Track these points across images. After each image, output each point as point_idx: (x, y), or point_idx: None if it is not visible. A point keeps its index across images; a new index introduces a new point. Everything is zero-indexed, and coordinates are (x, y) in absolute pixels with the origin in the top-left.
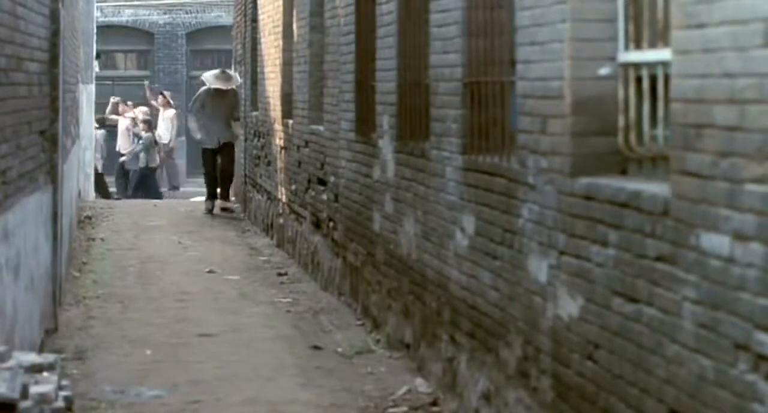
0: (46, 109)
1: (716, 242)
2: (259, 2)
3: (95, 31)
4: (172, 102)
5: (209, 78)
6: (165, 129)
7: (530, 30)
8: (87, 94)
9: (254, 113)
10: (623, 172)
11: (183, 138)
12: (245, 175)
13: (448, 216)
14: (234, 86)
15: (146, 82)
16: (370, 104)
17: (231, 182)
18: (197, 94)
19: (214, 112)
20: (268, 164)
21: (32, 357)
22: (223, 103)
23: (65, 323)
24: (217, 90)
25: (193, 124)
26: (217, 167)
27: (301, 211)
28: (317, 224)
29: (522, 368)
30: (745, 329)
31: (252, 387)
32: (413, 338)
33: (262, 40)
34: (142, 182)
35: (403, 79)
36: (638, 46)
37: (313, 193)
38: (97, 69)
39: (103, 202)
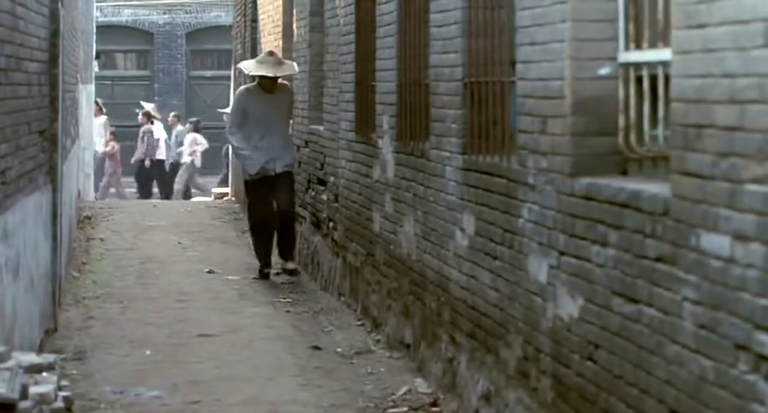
0: (46, 109)
1: (716, 242)
2: (259, 2)
3: (95, 31)
4: (104, 109)
5: (250, 65)
6: (97, 137)
7: (530, 30)
8: (87, 95)
9: None
10: (623, 172)
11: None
12: None
13: (448, 216)
14: (288, 75)
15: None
16: (370, 103)
17: (293, 231)
18: (235, 99)
19: (266, 121)
20: None
21: (32, 358)
22: (276, 105)
23: (65, 323)
24: (263, 83)
25: (236, 143)
26: (270, 210)
27: (300, 211)
28: (317, 224)
29: (522, 368)
30: (746, 329)
31: (252, 388)
32: (413, 338)
33: (262, 40)
34: None
35: (403, 79)
36: (638, 46)
37: (313, 193)
38: (96, 69)
39: (102, 202)
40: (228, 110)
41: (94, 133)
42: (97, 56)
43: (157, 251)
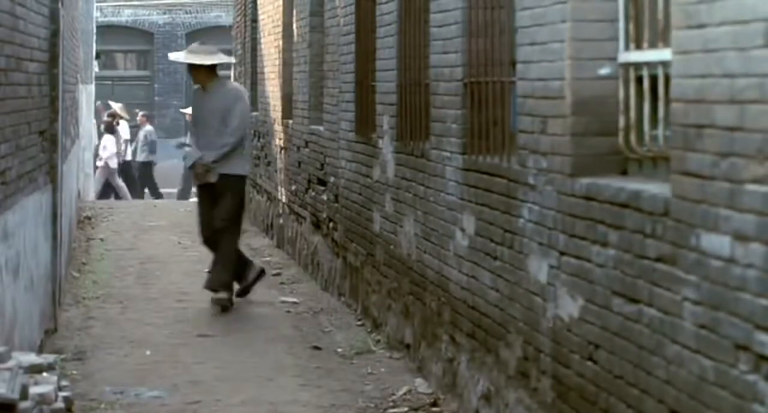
0: (46, 109)
1: (716, 242)
2: (259, 2)
3: (95, 31)
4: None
5: (180, 55)
6: None
7: (530, 30)
8: (87, 95)
9: (254, 113)
10: (623, 172)
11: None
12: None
13: (448, 216)
14: (216, 61)
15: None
16: (370, 103)
17: (224, 254)
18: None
19: (200, 122)
20: (268, 164)
21: (32, 358)
22: (212, 106)
23: (65, 323)
24: (194, 78)
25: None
26: (209, 226)
27: (301, 211)
28: (317, 225)
29: (522, 368)
30: (746, 329)
31: (252, 388)
32: (413, 338)
33: (262, 40)
34: None
35: (403, 79)
36: (638, 46)
37: (313, 193)
38: (96, 69)
39: (102, 202)
40: (189, 109)
41: None
42: (97, 56)
43: (157, 251)
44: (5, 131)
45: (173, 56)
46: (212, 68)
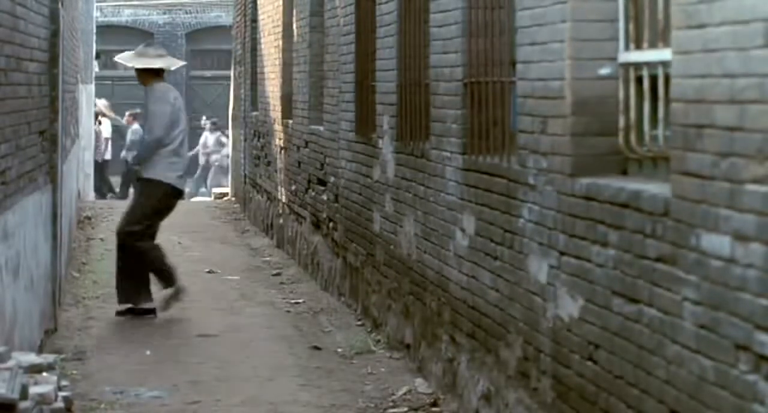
0: (46, 109)
1: (717, 242)
2: (259, 2)
3: (95, 31)
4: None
5: (127, 55)
6: None
7: (530, 30)
8: (87, 95)
9: (254, 113)
10: (624, 172)
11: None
12: (245, 175)
13: (448, 216)
14: (142, 65)
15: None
16: (370, 104)
17: (148, 269)
18: None
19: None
20: (268, 164)
21: (32, 358)
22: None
23: (65, 323)
24: (137, 77)
25: None
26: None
27: (300, 211)
28: (317, 225)
29: (522, 368)
30: (746, 329)
31: (252, 388)
32: (413, 338)
33: (262, 40)
34: None
35: (403, 79)
36: (638, 46)
37: (313, 193)
38: (96, 69)
39: (102, 202)
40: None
41: None
42: (98, 56)
43: None
44: (5, 131)
45: (119, 57)
46: (151, 71)
